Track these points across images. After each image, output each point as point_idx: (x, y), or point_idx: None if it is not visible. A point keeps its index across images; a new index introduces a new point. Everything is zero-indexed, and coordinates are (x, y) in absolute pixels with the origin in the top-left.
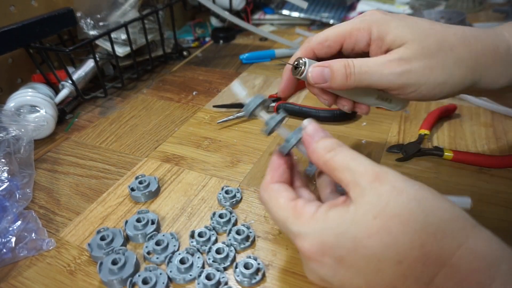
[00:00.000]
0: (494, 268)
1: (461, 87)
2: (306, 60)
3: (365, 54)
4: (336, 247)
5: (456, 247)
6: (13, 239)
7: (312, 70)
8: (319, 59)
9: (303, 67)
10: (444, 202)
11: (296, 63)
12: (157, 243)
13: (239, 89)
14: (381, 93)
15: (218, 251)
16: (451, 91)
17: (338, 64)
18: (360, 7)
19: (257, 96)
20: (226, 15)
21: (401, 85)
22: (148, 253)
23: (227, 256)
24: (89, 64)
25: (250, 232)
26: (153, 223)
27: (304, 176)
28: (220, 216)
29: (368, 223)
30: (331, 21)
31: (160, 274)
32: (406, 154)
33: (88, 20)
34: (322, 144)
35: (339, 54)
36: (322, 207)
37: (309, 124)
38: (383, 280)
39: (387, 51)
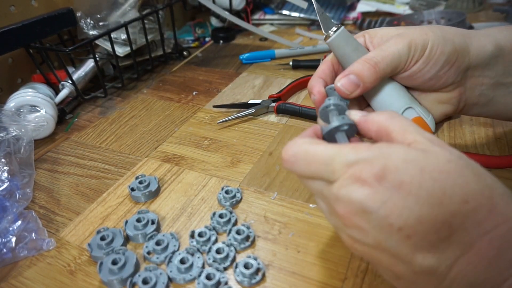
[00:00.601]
0: (507, 197)
1: (454, 63)
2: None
3: None
4: (401, 171)
5: (491, 188)
6: (13, 239)
7: (341, 84)
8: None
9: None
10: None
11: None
12: (157, 243)
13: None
14: (411, 97)
15: (218, 251)
16: (451, 62)
17: (358, 64)
18: (360, 7)
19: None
20: (226, 15)
21: (414, 55)
22: (148, 253)
23: (227, 256)
24: (89, 64)
25: (250, 232)
26: (153, 223)
27: None
28: (220, 216)
29: (440, 162)
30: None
31: (160, 274)
32: None
33: (88, 20)
34: (376, 117)
35: None
36: (379, 143)
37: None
38: (440, 214)
39: (379, 44)
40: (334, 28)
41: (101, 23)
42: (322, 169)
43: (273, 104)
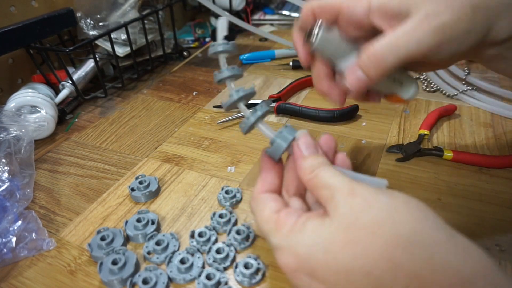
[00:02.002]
0: (469, 285)
1: (479, 36)
2: (319, 25)
3: (361, 33)
4: (309, 259)
5: (428, 258)
6: (14, 239)
7: (347, 80)
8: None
9: (317, 31)
10: (419, 212)
11: (308, 32)
12: (157, 243)
13: (223, 26)
14: (399, 72)
15: (218, 251)
16: (474, 41)
17: (365, 57)
18: None
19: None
20: (226, 15)
21: (438, 42)
22: (148, 253)
23: (227, 256)
24: (89, 64)
25: (250, 232)
26: (153, 223)
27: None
28: (220, 216)
29: (339, 235)
30: None
31: (160, 274)
32: (406, 154)
33: (88, 20)
34: (309, 162)
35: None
36: (301, 218)
37: (302, 137)
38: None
39: (394, 21)
40: (316, 30)
41: (101, 24)
42: (266, 238)
43: (273, 104)
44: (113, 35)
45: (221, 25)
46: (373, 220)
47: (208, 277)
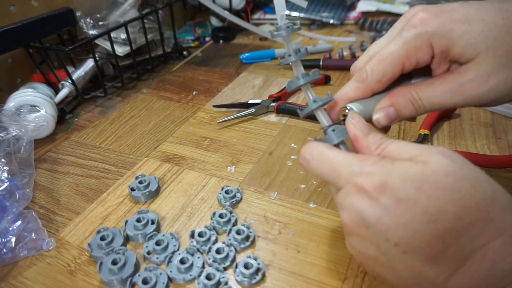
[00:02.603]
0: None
1: None
2: (352, 108)
3: (427, 66)
4: (399, 188)
5: None
6: (13, 239)
7: (378, 118)
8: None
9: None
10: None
11: (343, 118)
12: (157, 243)
13: (281, 4)
14: None
15: (218, 251)
16: None
17: (402, 101)
18: (360, 6)
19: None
20: (226, 14)
21: (481, 103)
22: (148, 253)
23: (227, 256)
24: (89, 63)
25: (250, 232)
26: (153, 223)
27: None
28: (220, 216)
29: (438, 178)
30: (331, 21)
31: (160, 274)
32: None
33: (88, 20)
34: (373, 139)
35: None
36: (388, 158)
37: (356, 118)
38: (434, 231)
39: (454, 61)
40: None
41: (100, 23)
42: (330, 174)
43: (273, 104)
44: (112, 35)
45: (279, 4)
46: (477, 177)
47: (208, 277)
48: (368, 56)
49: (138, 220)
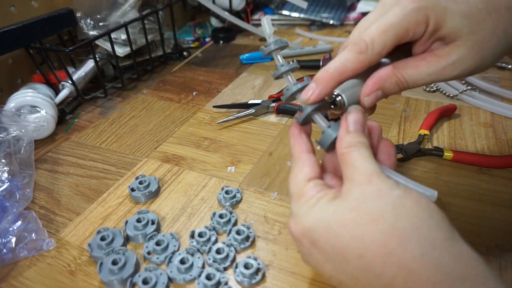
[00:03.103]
0: (456, 284)
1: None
2: (343, 95)
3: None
4: (312, 230)
5: (420, 254)
6: (13, 240)
7: (367, 101)
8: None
9: (341, 104)
10: (425, 210)
11: (332, 99)
12: (157, 243)
13: (268, 25)
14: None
15: (218, 251)
16: (506, 52)
17: (389, 84)
18: (360, 7)
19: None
20: (226, 15)
21: (453, 79)
22: (148, 253)
23: (227, 256)
24: (89, 64)
25: (250, 232)
26: (153, 223)
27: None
28: (220, 216)
29: (343, 214)
30: (331, 22)
31: (160, 274)
32: (406, 154)
33: (88, 20)
34: (349, 138)
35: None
36: (319, 193)
37: (354, 112)
38: (347, 269)
39: (438, 39)
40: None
41: (101, 24)
42: (290, 199)
43: (273, 104)
44: (113, 35)
45: (267, 24)
46: (378, 209)
47: (208, 277)
48: (368, 23)
49: (138, 221)
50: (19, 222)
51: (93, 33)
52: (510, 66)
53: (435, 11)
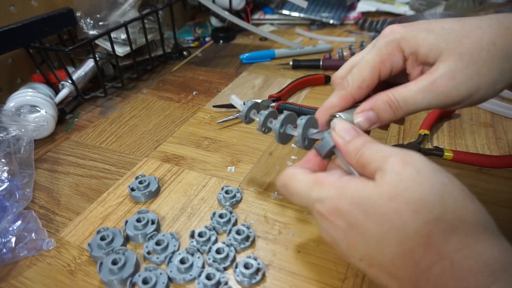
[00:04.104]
0: (496, 275)
1: (509, 82)
2: (340, 115)
3: (403, 72)
4: (349, 214)
5: (462, 246)
6: (13, 239)
7: (359, 121)
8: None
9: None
10: (470, 200)
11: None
12: (157, 243)
13: (236, 101)
14: None
15: (218, 251)
16: (505, 86)
17: (381, 103)
18: (360, 7)
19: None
20: (226, 15)
21: (452, 102)
22: (148, 253)
23: (227, 256)
24: (89, 64)
25: (250, 232)
26: (153, 223)
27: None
28: (220, 216)
29: (382, 203)
30: (331, 21)
31: (160, 274)
32: None
33: (88, 20)
34: (352, 145)
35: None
36: (345, 177)
37: (338, 124)
38: (383, 255)
39: (424, 64)
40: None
41: (101, 23)
42: (298, 202)
43: (273, 104)
44: (113, 35)
45: (235, 101)
46: (422, 198)
47: (208, 277)
48: (349, 65)
49: (138, 220)
50: (19, 222)
51: (93, 32)
52: None
53: (405, 39)
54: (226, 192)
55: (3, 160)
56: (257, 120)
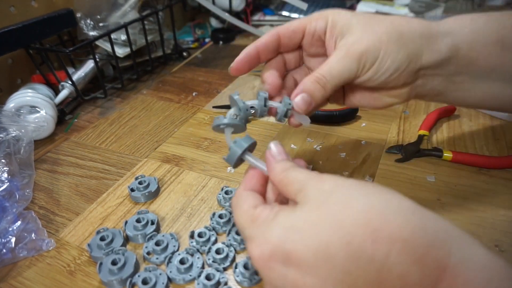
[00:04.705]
0: (450, 243)
1: (405, 63)
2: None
3: (322, 49)
4: (284, 243)
5: (405, 221)
6: (13, 240)
7: (296, 103)
8: (282, 47)
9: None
10: (388, 190)
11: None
12: (157, 244)
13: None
14: None
15: (217, 252)
16: (400, 66)
17: (310, 84)
18: (359, 8)
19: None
20: (226, 16)
21: (364, 67)
22: (148, 253)
23: (226, 256)
24: (89, 64)
25: None
26: (152, 223)
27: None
28: (220, 216)
29: (313, 213)
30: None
31: (160, 274)
32: (406, 155)
33: (88, 21)
34: (280, 165)
35: (299, 48)
36: (274, 209)
37: (274, 146)
38: (335, 268)
39: (337, 38)
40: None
41: (101, 24)
42: (241, 232)
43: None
44: (113, 36)
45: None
46: (345, 195)
47: (208, 278)
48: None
49: (138, 221)
50: (19, 222)
51: (93, 33)
52: None
53: (332, 13)
54: (226, 193)
55: (3, 160)
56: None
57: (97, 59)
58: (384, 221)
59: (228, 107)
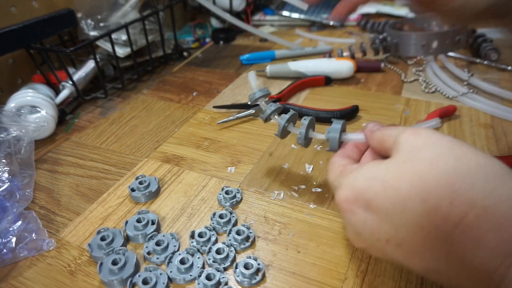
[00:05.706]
0: None
1: None
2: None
3: None
4: (365, 190)
5: (491, 189)
6: (14, 240)
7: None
8: None
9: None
10: (482, 154)
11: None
12: (157, 244)
13: (253, 79)
14: None
15: (218, 252)
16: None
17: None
18: (360, 7)
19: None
20: (226, 16)
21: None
22: (148, 253)
23: (227, 256)
24: (90, 64)
25: (250, 233)
26: (153, 223)
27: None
28: (220, 216)
29: (397, 167)
30: (331, 23)
31: (160, 274)
32: None
33: (89, 21)
34: (379, 132)
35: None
36: (364, 161)
37: (371, 122)
38: (409, 220)
39: None
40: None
41: (101, 24)
42: (333, 187)
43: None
44: (113, 36)
45: (251, 79)
46: (434, 153)
47: (208, 278)
48: None
49: (138, 221)
50: (19, 222)
51: (93, 33)
52: (509, 68)
53: None
54: (226, 193)
55: (3, 160)
56: (276, 122)
57: (98, 59)
58: (467, 185)
59: (228, 107)
